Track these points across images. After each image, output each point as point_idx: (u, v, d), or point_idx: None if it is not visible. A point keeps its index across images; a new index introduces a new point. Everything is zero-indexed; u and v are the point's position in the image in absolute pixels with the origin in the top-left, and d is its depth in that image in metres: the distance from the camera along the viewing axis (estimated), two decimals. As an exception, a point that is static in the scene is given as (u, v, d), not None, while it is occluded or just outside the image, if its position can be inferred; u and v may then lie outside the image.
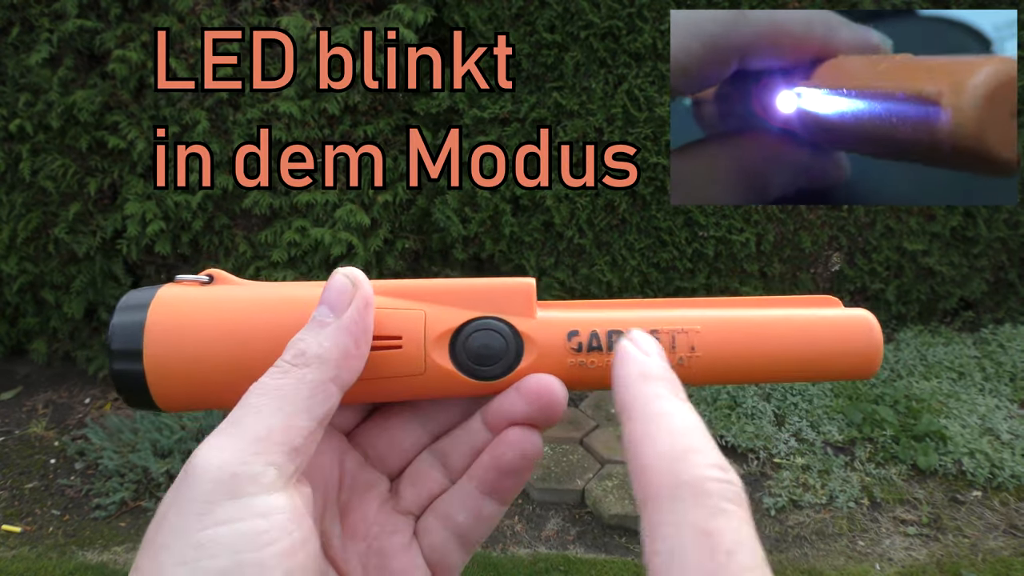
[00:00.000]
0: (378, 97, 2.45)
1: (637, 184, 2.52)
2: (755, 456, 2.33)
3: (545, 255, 2.67)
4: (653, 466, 0.25)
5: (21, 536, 2.08)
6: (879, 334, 0.34)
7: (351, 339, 0.30)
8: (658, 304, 0.35)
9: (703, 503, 0.23)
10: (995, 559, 1.93)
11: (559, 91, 2.46)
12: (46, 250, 2.51)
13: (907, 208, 2.74)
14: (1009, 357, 2.74)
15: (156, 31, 2.25)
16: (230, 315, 0.33)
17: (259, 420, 0.27)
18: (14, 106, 2.33)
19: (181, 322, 0.32)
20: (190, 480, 0.25)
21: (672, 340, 0.33)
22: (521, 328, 0.33)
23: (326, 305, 0.30)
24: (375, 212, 2.48)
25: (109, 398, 2.70)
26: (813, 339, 0.34)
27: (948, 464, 2.25)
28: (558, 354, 0.33)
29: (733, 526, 0.23)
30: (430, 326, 0.33)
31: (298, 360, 0.29)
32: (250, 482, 0.25)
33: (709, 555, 0.22)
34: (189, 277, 0.35)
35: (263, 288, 0.34)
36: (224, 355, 0.32)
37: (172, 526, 0.25)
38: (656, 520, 0.24)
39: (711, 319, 0.34)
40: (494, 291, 0.34)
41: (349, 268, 0.32)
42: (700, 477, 0.24)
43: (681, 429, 0.26)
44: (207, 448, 0.26)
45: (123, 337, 0.32)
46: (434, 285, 0.34)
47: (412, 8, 2.32)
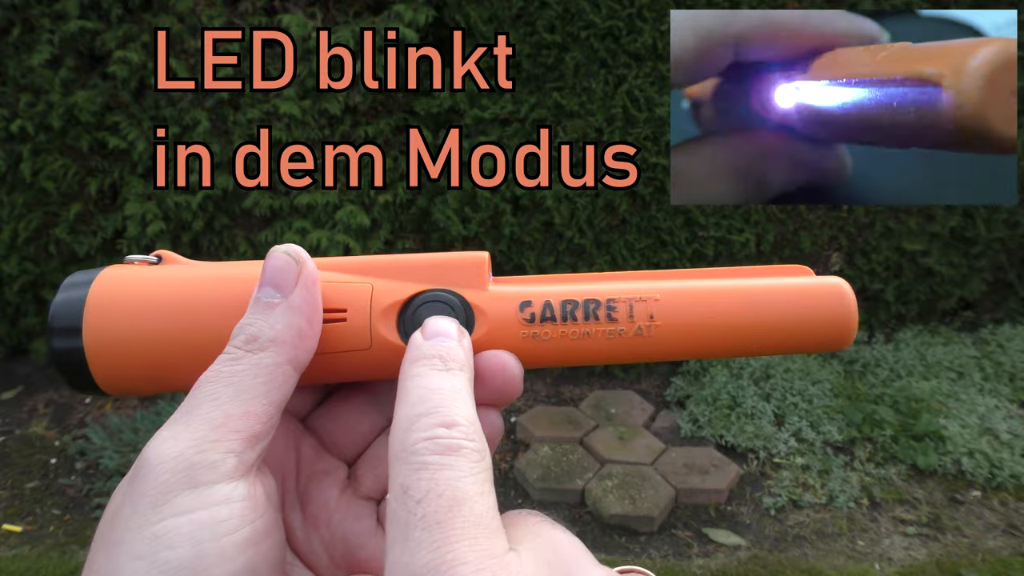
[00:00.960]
0: (378, 97, 2.46)
1: (637, 184, 2.52)
2: (755, 456, 2.33)
3: (545, 255, 2.67)
4: (392, 438, 0.25)
5: (22, 536, 2.09)
6: (853, 302, 0.33)
7: (303, 318, 0.29)
8: (619, 276, 0.34)
9: (409, 461, 0.24)
10: (994, 559, 1.93)
11: (559, 91, 2.46)
12: (47, 250, 2.51)
13: (906, 208, 2.75)
14: (1008, 357, 2.75)
15: (156, 31, 2.25)
16: (174, 293, 0.31)
17: (215, 407, 0.26)
18: (15, 106, 2.33)
19: (123, 300, 0.31)
20: (144, 472, 0.24)
21: (629, 309, 0.32)
22: (472, 300, 0.32)
23: (269, 285, 0.29)
24: (375, 212, 2.49)
25: (109, 398, 2.71)
26: (782, 308, 0.32)
27: (947, 464, 2.25)
28: (510, 326, 0.32)
29: (427, 476, 0.23)
30: (377, 299, 0.32)
31: (251, 345, 0.28)
32: (209, 470, 0.25)
33: (404, 507, 0.23)
34: (138, 257, 0.34)
35: (210, 267, 0.33)
36: (168, 334, 0.31)
37: (126, 520, 0.24)
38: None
39: (672, 288, 0.33)
40: (445, 264, 0.33)
41: (288, 245, 0.31)
42: (415, 439, 0.24)
43: (418, 398, 0.26)
44: (160, 439, 0.25)
45: (63, 315, 0.31)
46: (382, 259, 0.33)
47: (412, 8, 2.32)
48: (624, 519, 2.05)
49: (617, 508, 2.06)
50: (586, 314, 0.32)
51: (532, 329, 0.32)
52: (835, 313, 0.33)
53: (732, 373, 2.61)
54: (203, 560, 0.23)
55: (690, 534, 2.06)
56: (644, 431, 2.45)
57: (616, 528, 2.06)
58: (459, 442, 0.24)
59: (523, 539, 0.24)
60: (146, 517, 0.23)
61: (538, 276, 0.34)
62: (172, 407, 2.38)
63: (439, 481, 0.23)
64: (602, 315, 0.32)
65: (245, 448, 0.26)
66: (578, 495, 2.16)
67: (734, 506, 2.16)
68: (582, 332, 0.32)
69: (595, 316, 0.32)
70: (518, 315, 0.32)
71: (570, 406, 2.61)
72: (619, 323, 0.32)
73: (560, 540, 0.24)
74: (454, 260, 0.33)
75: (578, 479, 2.19)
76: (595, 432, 2.42)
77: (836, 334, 0.33)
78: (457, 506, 0.22)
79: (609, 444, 2.35)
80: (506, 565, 0.21)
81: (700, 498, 2.16)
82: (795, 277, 0.34)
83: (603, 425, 2.47)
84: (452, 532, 0.21)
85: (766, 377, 2.59)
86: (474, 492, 0.23)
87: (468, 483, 0.23)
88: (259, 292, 0.29)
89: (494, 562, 0.21)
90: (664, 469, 2.23)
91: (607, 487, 2.15)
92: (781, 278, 0.34)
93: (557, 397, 2.68)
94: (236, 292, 0.31)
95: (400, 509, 0.23)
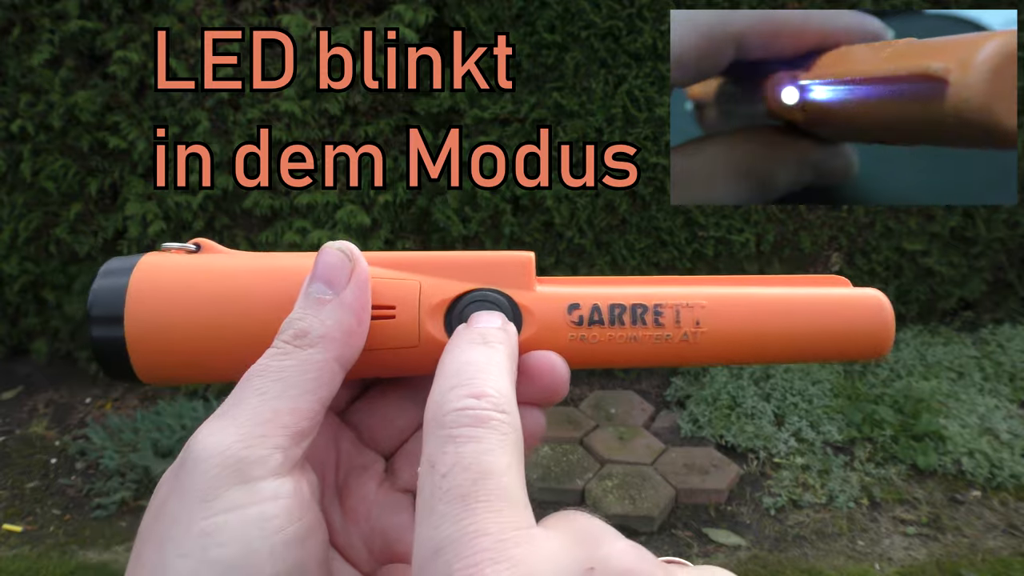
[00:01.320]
0: (378, 97, 2.46)
1: (637, 184, 2.53)
2: (755, 456, 2.33)
3: (545, 255, 2.67)
4: (426, 413, 0.25)
5: (22, 536, 2.09)
6: (891, 313, 0.34)
7: (353, 316, 0.29)
8: (663, 281, 0.34)
9: (437, 435, 0.23)
10: (994, 559, 1.93)
11: (559, 91, 2.46)
12: (47, 250, 2.51)
13: (906, 208, 2.75)
14: (1008, 357, 2.75)
15: (156, 31, 2.25)
16: (217, 283, 0.31)
17: (263, 402, 0.26)
18: (15, 106, 2.33)
19: (165, 288, 0.31)
20: (191, 465, 0.24)
21: (676, 314, 0.32)
22: (520, 300, 0.32)
23: (321, 281, 0.29)
24: (375, 212, 2.49)
25: (110, 398, 2.71)
26: (823, 318, 0.33)
27: (947, 464, 2.25)
28: (558, 328, 0.32)
29: (453, 449, 0.22)
30: (425, 296, 0.31)
31: (300, 341, 0.27)
32: (257, 466, 0.24)
33: (430, 481, 0.22)
34: (175, 245, 0.33)
35: (252, 257, 0.33)
36: (211, 324, 0.30)
37: (174, 514, 0.23)
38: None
39: (717, 295, 0.33)
40: (492, 263, 0.33)
41: (342, 242, 0.30)
42: (445, 411, 0.24)
43: (453, 371, 0.26)
44: (206, 432, 0.25)
45: (104, 303, 0.30)
46: (430, 256, 0.33)
47: (412, 8, 2.32)
48: (624, 519, 2.05)
49: (617, 508, 2.07)
50: (634, 318, 0.32)
51: (580, 332, 0.32)
52: (873, 323, 0.33)
53: (732, 373, 2.61)
54: (253, 558, 0.23)
55: (690, 534, 2.06)
56: (644, 431, 2.45)
57: (616, 528, 2.06)
58: (488, 413, 0.23)
59: (555, 522, 0.24)
60: (195, 512, 0.23)
61: (581, 278, 0.34)
62: (171, 407, 2.38)
63: (465, 455, 0.22)
64: (649, 320, 0.32)
65: (291, 444, 0.26)
66: (578, 495, 2.16)
67: (734, 506, 2.16)
68: (629, 336, 0.32)
69: (642, 321, 0.32)
70: (566, 317, 0.32)
71: (570, 406, 2.61)
72: (666, 328, 0.32)
73: (592, 521, 0.24)
74: (501, 259, 0.33)
75: (578, 479, 2.19)
76: (595, 432, 2.43)
77: (874, 344, 0.34)
78: (483, 479, 0.22)
79: (609, 444, 2.35)
80: (531, 537, 0.21)
81: (700, 498, 2.16)
82: (834, 287, 0.35)
83: (603, 425, 2.47)
84: (477, 505, 0.21)
85: (766, 377, 2.59)
86: (501, 465, 0.22)
87: (496, 456, 0.22)
88: (310, 287, 0.29)
89: (518, 533, 0.21)
90: (664, 469, 2.23)
91: (607, 487, 2.15)
92: (821, 288, 0.35)
93: (557, 397, 2.68)
94: (282, 284, 0.31)
95: (427, 483, 0.22)
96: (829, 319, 0.33)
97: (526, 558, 0.20)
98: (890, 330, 0.34)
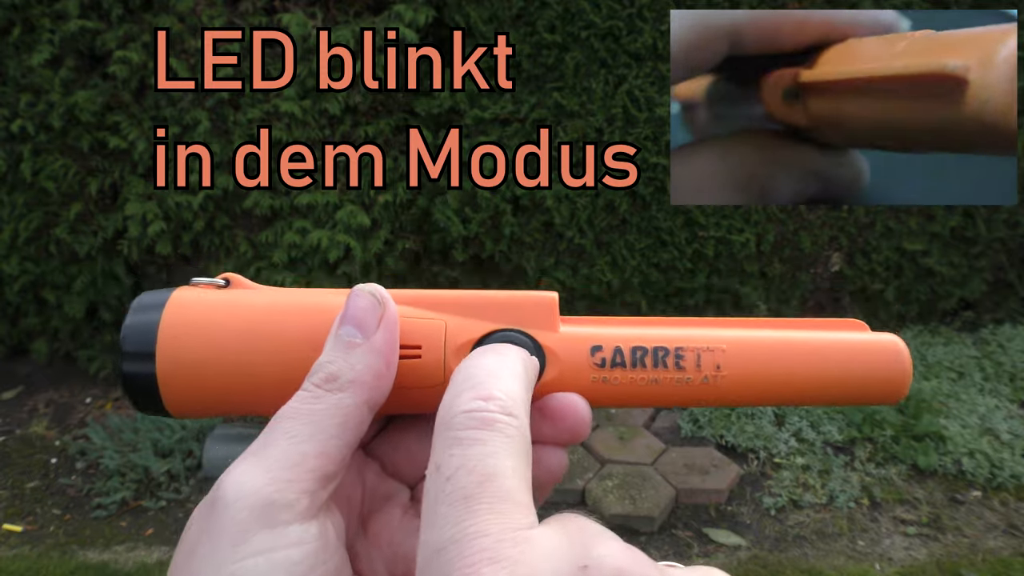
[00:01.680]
0: (378, 97, 2.45)
1: (637, 184, 2.53)
2: (755, 456, 2.33)
3: (545, 255, 2.67)
4: (436, 421, 0.25)
5: (22, 535, 2.09)
6: (908, 360, 0.34)
7: (382, 360, 0.29)
8: (683, 323, 0.35)
9: (444, 437, 0.23)
10: (995, 559, 1.93)
11: (559, 91, 2.46)
12: (47, 250, 2.51)
13: (907, 208, 2.75)
14: (1009, 357, 2.75)
15: (156, 31, 2.25)
16: (247, 320, 0.31)
17: (292, 446, 0.26)
18: (15, 106, 2.33)
19: (197, 325, 0.31)
20: (221, 507, 0.24)
21: (697, 358, 0.33)
22: (543, 341, 0.32)
23: (352, 324, 0.29)
24: (375, 213, 2.49)
25: (110, 398, 2.71)
26: (841, 363, 0.33)
27: (948, 464, 2.25)
28: (581, 369, 0.32)
29: (459, 452, 0.23)
30: (451, 336, 0.32)
31: (331, 385, 0.28)
32: (285, 510, 0.24)
33: (434, 485, 0.22)
34: (205, 280, 0.34)
35: (281, 294, 0.33)
36: (239, 361, 0.31)
37: (205, 557, 0.24)
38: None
39: (737, 338, 0.33)
40: (516, 303, 0.33)
41: (372, 285, 0.31)
42: (453, 414, 0.24)
43: (464, 378, 0.26)
44: (238, 473, 0.25)
45: (136, 338, 0.31)
46: (455, 296, 0.33)
47: (412, 8, 2.32)
48: (624, 519, 2.05)
49: (617, 508, 2.07)
50: (655, 361, 0.32)
51: (603, 374, 0.32)
52: (891, 370, 0.34)
53: (732, 373, 2.61)
54: None
55: (690, 534, 2.06)
56: (644, 431, 2.45)
57: (616, 528, 2.06)
58: (495, 415, 0.24)
59: (553, 522, 0.24)
60: (225, 555, 0.23)
61: (604, 318, 0.35)
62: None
63: (470, 457, 0.22)
64: (671, 363, 0.33)
65: (318, 488, 0.26)
66: (578, 495, 2.16)
67: (734, 506, 2.16)
68: (651, 379, 0.32)
69: (664, 364, 0.32)
70: (589, 359, 0.32)
71: (570, 406, 2.61)
72: (687, 371, 0.33)
73: (589, 523, 0.24)
74: (526, 300, 0.33)
75: (578, 479, 2.19)
76: (595, 432, 2.43)
77: (891, 389, 0.34)
78: (487, 481, 0.22)
79: (609, 444, 2.35)
80: (530, 537, 0.21)
81: (700, 498, 2.16)
82: (853, 332, 0.35)
83: (603, 425, 2.47)
84: (479, 506, 0.21)
85: (766, 377, 2.59)
86: (506, 467, 0.22)
87: (500, 459, 0.22)
88: (340, 330, 0.29)
89: (517, 534, 0.21)
90: (664, 469, 2.23)
91: (607, 487, 2.15)
92: (840, 332, 0.35)
93: (557, 397, 2.68)
94: (312, 322, 0.31)
95: (432, 487, 0.23)
96: (847, 364, 0.34)
97: (523, 557, 0.20)
98: (908, 376, 0.34)
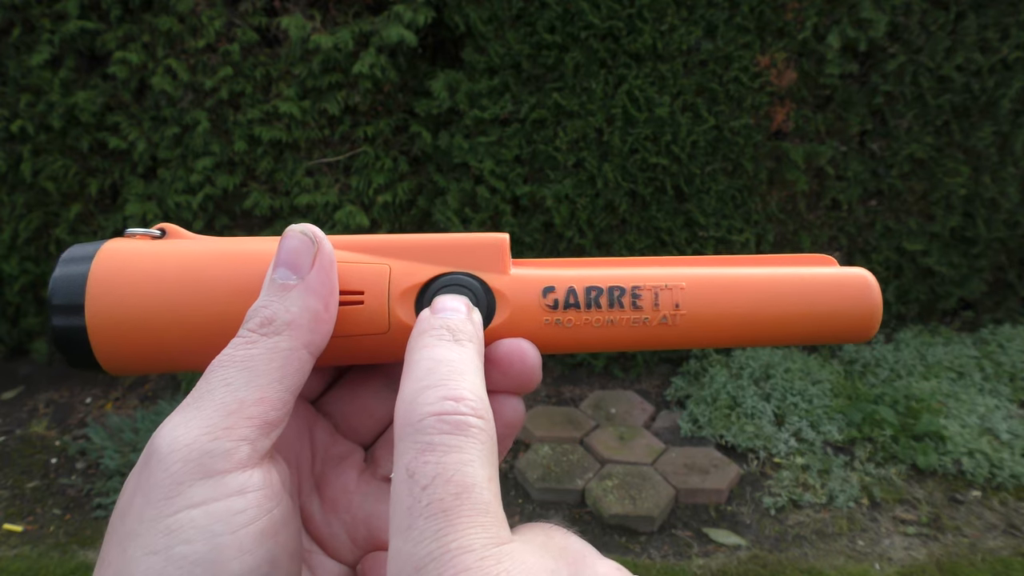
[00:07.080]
0: (378, 97, 2.46)
1: (637, 184, 2.53)
2: (755, 456, 2.33)
3: (545, 255, 2.67)
4: (396, 412, 0.24)
5: (22, 535, 2.09)
6: (878, 293, 0.32)
7: (320, 301, 0.28)
8: (643, 262, 0.33)
9: (416, 440, 0.23)
10: (994, 559, 1.93)
11: (559, 91, 2.46)
12: (47, 250, 2.51)
13: (906, 208, 2.75)
14: (1008, 357, 2.75)
15: (156, 32, 2.25)
16: (182, 270, 0.30)
17: (228, 393, 0.25)
18: (15, 107, 2.33)
19: (128, 275, 0.30)
20: (155, 461, 0.23)
21: (655, 297, 0.31)
22: (493, 284, 0.31)
23: (285, 266, 0.28)
24: (375, 212, 2.49)
25: (110, 398, 2.71)
26: (807, 298, 0.32)
27: (947, 464, 2.25)
28: (532, 312, 0.31)
29: (434, 459, 0.22)
30: (395, 281, 0.30)
31: (266, 329, 0.27)
32: (223, 459, 0.24)
33: (409, 493, 0.22)
34: (140, 231, 0.32)
35: (217, 242, 0.32)
36: (175, 312, 0.29)
37: (139, 512, 0.23)
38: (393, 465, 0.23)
39: (697, 276, 0.32)
40: (464, 246, 0.31)
41: (305, 224, 0.29)
42: (421, 415, 0.23)
43: (425, 371, 0.25)
44: (171, 426, 0.24)
45: (64, 291, 0.29)
46: (400, 239, 0.31)
47: (412, 8, 2.32)
48: (624, 519, 2.05)
49: (617, 508, 2.07)
50: (611, 301, 0.31)
51: (555, 316, 0.31)
52: (861, 304, 0.32)
53: (732, 373, 2.61)
54: (221, 553, 0.22)
55: (690, 534, 2.06)
56: (644, 431, 2.45)
57: (616, 528, 2.06)
58: (467, 419, 0.23)
59: (533, 536, 0.23)
60: (159, 509, 0.23)
61: (559, 260, 0.33)
62: (172, 407, 2.38)
63: (447, 465, 0.22)
64: (627, 303, 0.31)
65: (259, 436, 0.25)
66: (578, 495, 2.16)
67: (734, 506, 2.16)
68: (606, 320, 0.31)
69: (620, 304, 0.31)
70: (541, 301, 0.31)
71: (570, 406, 2.61)
72: (644, 311, 0.31)
73: (570, 539, 0.24)
74: (474, 241, 0.31)
75: (578, 479, 2.19)
76: (595, 432, 2.43)
77: (861, 325, 0.32)
78: (465, 492, 0.21)
79: (609, 444, 2.35)
80: (511, 552, 0.21)
81: (700, 498, 2.16)
82: (820, 267, 0.33)
83: (603, 425, 2.47)
84: (459, 520, 0.21)
85: (766, 377, 2.59)
86: (483, 477, 0.22)
87: (476, 467, 0.22)
88: (274, 273, 0.28)
89: (499, 550, 0.20)
90: (664, 469, 2.23)
91: (607, 487, 2.15)
92: (807, 268, 0.33)
93: (557, 397, 2.68)
94: (248, 270, 0.30)
95: (405, 495, 0.22)
96: (814, 300, 0.32)
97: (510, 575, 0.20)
98: (877, 311, 0.32)
